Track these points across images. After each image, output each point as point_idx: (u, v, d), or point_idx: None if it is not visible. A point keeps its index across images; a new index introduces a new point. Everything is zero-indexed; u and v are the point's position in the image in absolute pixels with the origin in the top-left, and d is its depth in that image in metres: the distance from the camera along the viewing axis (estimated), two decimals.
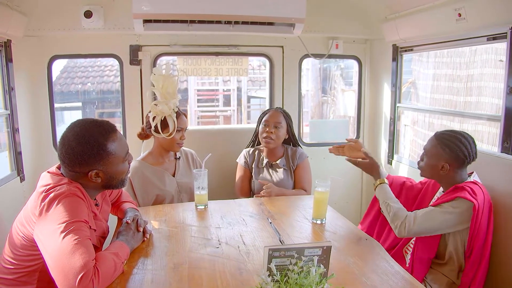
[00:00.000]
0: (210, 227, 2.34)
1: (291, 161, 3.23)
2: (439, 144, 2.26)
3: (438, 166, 2.25)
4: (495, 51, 5.16)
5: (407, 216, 2.16)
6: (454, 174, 2.25)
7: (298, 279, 1.29)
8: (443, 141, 2.25)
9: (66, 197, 1.74)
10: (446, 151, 2.22)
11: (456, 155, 2.20)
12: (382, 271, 1.85)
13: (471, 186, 2.14)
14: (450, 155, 2.21)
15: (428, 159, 2.32)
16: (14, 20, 2.99)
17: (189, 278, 1.77)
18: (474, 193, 2.10)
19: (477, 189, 2.13)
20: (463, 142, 2.21)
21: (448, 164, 2.22)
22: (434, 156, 2.27)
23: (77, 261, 1.58)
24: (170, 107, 2.83)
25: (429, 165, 2.31)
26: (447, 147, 2.22)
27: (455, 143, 2.21)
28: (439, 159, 2.24)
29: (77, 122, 1.91)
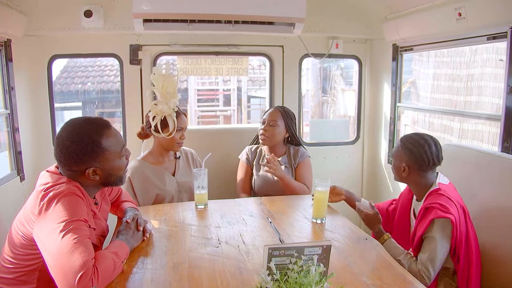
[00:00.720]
0: (210, 227, 2.34)
1: (293, 159, 3.23)
2: (401, 146, 2.33)
3: (400, 168, 2.33)
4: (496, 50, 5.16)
5: (419, 269, 2.12)
6: (418, 177, 2.30)
7: (297, 278, 1.29)
8: (404, 143, 2.32)
9: (65, 196, 1.74)
10: (406, 152, 2.29)
11: (415, 158, 2.26)
12: (383, 271, 1.85)
13: (439, 201, 2.14)
14: (409, 157, 2.28)
15: (393, 161, 2.40)
16: (14, 20, 2.99)
17: (189, 278, 1.77)
18: (445, 208, 2.10)
19: (445, 201, 2.14)
20: (422, 145, 2.26)
21: (408, 166, 2.29)
22: (397, 158, 2.36)
23: (77, 260, 1.58)
24: (170, 106, 2.82)
25: (395, 167, 2.40)
26: (407, 149, 2.29)
27: (414, 145, 2.28)
28: (401, 160, 2.32)
29: (70, 121, 1.90)
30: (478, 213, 2.37)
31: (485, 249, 2.28)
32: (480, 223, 2.34)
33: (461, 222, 2.12)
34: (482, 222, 2.34)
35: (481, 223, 2.34)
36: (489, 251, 2.27)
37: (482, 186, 2.45)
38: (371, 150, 4.22)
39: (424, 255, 2.13)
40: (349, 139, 4.36)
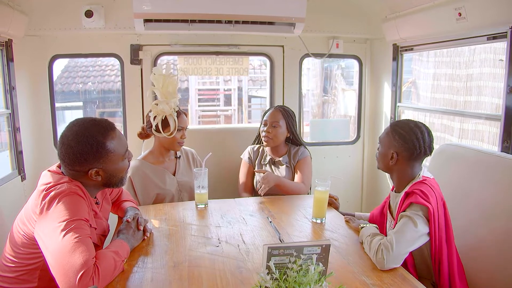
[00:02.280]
0: (210, 226, 2.35)
1: (293, 159, 3.24)
2: (391, 131, 2.16)
3: (388, 155, 2.16)
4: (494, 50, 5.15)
5: (381, 242, 1.94)
6: (405, 167, 2.14)
7: (297, 277, 1.29)
8: (395, 129, 2.15)
9: (66, 196, 1.75)
10: (396, 138, 2.12)
11: (406, 144, 2.10)
12: (382, 271, 1.86)
13: (421, 188, 2.01)
14: (399, 143, 2.11)
15: (381, 147, 2.23)
16: (15, 20, 2.99)
17: (189, 277, 1.78)
18: (425, 195, 1.98)
19: (427, 190, 2.01)
20: (415, 132, 2.10)
21: (397, 153, 2.12)
22: (385, 144, 2.18)
23: (78, 259, 1.59)
24: (170, 106, 2.83)
25: (381, 154, 2.23)
26: (397, 134, 2.12)
27: (406, 131, 2.11)
28: (390, 147, 2.15)
29: (76, 121, 1.91)
30: (478, 213, 2.37)
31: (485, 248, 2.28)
32: (480, 223, 2.34)
33: (439, 215, 2.00)
34: (482, 222, 2.34)
35: (480, 223, 2.34)
36: (488, 251, 2.27)
37: (481, 186, 2.45)
38: (371, 150, 4.23)
39: (392, 231, 1.99)
40: (349, 139, 4.36)
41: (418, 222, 1.94)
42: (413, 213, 1.96)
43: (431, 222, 1.97)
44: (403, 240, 1.91)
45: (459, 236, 2.35)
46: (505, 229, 2.21)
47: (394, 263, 1.88)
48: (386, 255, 1.87)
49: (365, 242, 2.06)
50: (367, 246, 2.02)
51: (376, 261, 1.91)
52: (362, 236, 2.13)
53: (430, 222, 1.97)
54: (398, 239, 1.91)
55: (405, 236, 1.92)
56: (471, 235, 2.33)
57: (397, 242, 1.89)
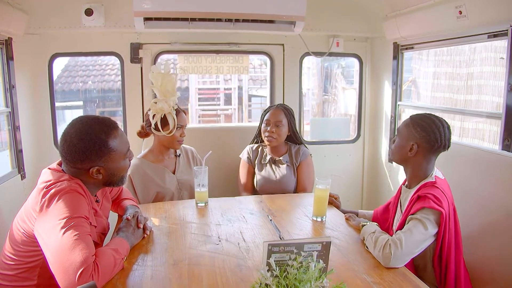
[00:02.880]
0: (210, 224, 2.34)
1: (295, 158, 3.23)
2: (411, 123, 2.14)
3: (407, 147, 2.13)
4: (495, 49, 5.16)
5: (389, 239, 1.93)
6: (422, 160, 2.13)
7: (297, 274, 1.29)
8: (416, 121, 2.14)
9: (66, 193, 1.74)
10: (417, 130, 2.10)
11: (427, 136, 2.09)
12: (383, 268, 1.85)
13: (433, 193, 2.00)
14: (420, 135, 2.09)
15: (399, 139, 2.20)
16: (15, 18, 2.99)
17: (189, 275, 1.77)
18: (438, 200, 1.97)
19: (439, 194, 2.00)
20: (437, 124, 2.10)
21: (417, 144, 2.10)
22: (405, 135, 2.16)
23: (77, 257, 1.59)
24: (169, 104, 2.82)
25: (398, 146, 2.19)
26: (419, 126, 2.10)
27: (428, 124, 2.10)
28: (409, 138, 2.12)
29: (79, 119, 1.91)
30: (479, 212, 2.36)
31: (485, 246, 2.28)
32: (481, 222, 2.33)
33: (450, 221, 2.00)
34: (483, 221, 2.34)
35: (481, 222, 2.33)
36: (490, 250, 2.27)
37: (482, 184, 2.44)
38: (371, 149, 4.22)
39: (400, 231, 1.97)
40: (349, 138, 4.35)
41: (428, 225, 1.93)
42: (423, 216, 1.95)
43: (441, 226, 1.96)
44: (412, 240, 1.90)
45: None
46: (505, 226, 2.21)
47: (400, 261, 1.88)
48: (394, 251, 1.86)
49: (368, 238, 2.04)
50: (371, 242, 2.00)
51: (382, 256, 1.89)
52: (365, 233, 2.11)
53: (441, 226, 1.96)
54: (407, 238, 1.90)
55: (414, 236, 1.92)
56: (472, 233, 2.32)
57: (406, 241, 1.89)
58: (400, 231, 1.96)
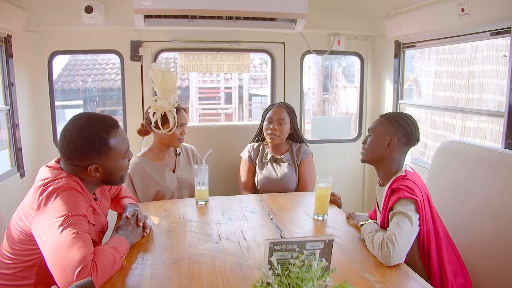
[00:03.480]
0: (211, 223, 2.33)
1: (296, 156, 3.22)
2: (386, 120, 2.21)
3: (384, 143, 2.17)
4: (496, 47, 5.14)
5: (384, 236, 1.93)
6: (397, 154, 2.17)
7: (299, 273, 1.27)
8: (390, 118, 2.22)
9: (64, 191, 1.72)
10: (394, 125, 2.17)
11: (404, 130, 2.16)
12: (385, 267, 1.84)
13: (405, 183, 2.05)
14: (397, 130, 2.15)
15: (373, 137, 2.23)
16: (14, 15, 2.97)
17: (189, 273, 1.75)
18: (411, 189, 2.02)
19: (411, 184, 2.05)
20: (410, 119, 2.19)
21: (397, 139, 2.15)
22: (380, 132, 2.20)
23: (75, 255, 1.57)
24: (170, 102, 2.81)
25: (374, 144, 2.22)
26: (395, 122, 2.17)
27: (403, 119, 2.19)
28: (387, 134, 2.17)
29: (79, 116, 1.90)
30: (481, 210, 2.35)
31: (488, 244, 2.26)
32: (483, 220, 2.32)
33: (425, 209, 2.03)
34: (485, 219, 2.32)
35: (484, 220, 2.32)
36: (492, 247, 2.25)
37: (485, 183, 2.42)
38: None
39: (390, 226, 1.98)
40: (350, 137, 4.34)
41: (412, 215, 1.96)
42: (405, 208, 1.98)
43: (419, 214, 2.00)
44: (404, 233, 1.92)
45: (462, 232, 2.34)
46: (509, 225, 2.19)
47: (399, 257, 1.88)
48: (392, 249, 1.86)
49: (367, 239, 2.04)
50: (370, 243, 2.00)
51: (382, 256, 1.88)
52: (363, 233, 2.12)
53: (418, 214, 2.00)
54: (399, 233, 1.91)
55: (404, 229, 1.93)
56: (474, 231, 2.31)
57: (399, 236, 1.90)
58: (390, 228, 1.98)
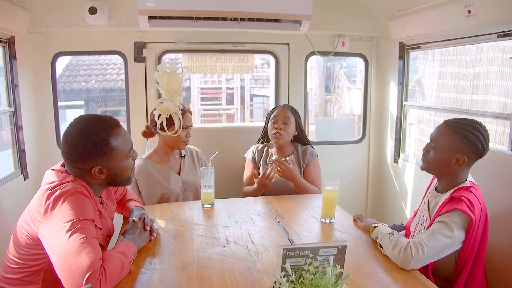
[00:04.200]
0: (218, 226, 2.31)
1: (301, 159, 3.20)
2: (454, 134, 1.98)
3: (451, 160, 1.98)
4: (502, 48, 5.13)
5: (411, 241, 1.86)
6: (465, 169, 2.01)
7: (313, 279, 1.25)
8: (460, 132, 1.97)
9: (71, 195, 1.71)
10: (464, 142, 1.95)
11: (476, 148, 1.95)
12: (395, 272, 1.82)
13: (468, 197, 1.91)
14: (467, 147, 1.95)
15: (439, 151, 2.03)
16: (17, 17, 2.96)
17: (198, 278, 1.74)
18: (472, 205, 1.88)
19: (474, 199, 1.91)
20: (482, 132, 1.96)
21: (466, 156, 1.95)
22: (447, 147, 1.99)
23: (84, 261, 1.55)
24: (175, 104, 2.79)
25: (439, 159, 2.02)
26: (465, 138, 1.95)
27: (474, 134, 1.95)
28: (455, 151, 1.96)
29: (80, 118, 1.88)
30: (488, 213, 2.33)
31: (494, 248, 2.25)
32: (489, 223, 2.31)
33: (479, 228, 1.92)
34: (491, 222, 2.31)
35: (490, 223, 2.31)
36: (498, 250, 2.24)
37: (491, 185, 2.41)
38: (377, 149, 4.19)
39: (423, 233, 1.90)
40: (355, 138, 4.32)
41: (455, 228, 1.87)
42: (451, 220, 1.88)
43: (469, 233, 1.89)
44: (435, 245, 1.85)
45: None
46: None
47: (420, 264, 1.84)
48: (415, 253, 1.81)
49: (385, 239, 1.98)
50: (389, 242, 1.94)
51: (402, 257, 1.84)
52: (378, 233, 2.07)
53: (468, 233, 1.89)
54: (430, 242, 1.84)
55: (438, 241, 1.85)
56: None
57: (429, 246, 1.83)
58: (423, 234, 1.90)
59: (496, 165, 2.46)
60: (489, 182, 2.43)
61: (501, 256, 2.22)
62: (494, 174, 2.43)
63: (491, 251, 2.25)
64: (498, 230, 2.27)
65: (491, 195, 2.38)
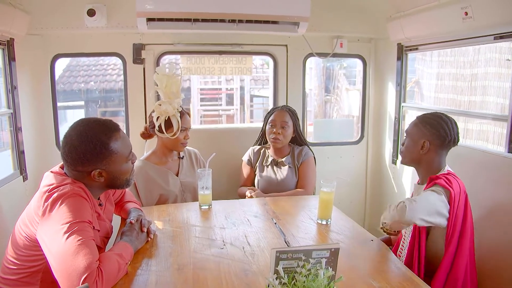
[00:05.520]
0: (215, 228, 2.32)
1: (297, 159, 3.22)
2: (419, 122, 2.22)
3: (418, 146, 2.19)
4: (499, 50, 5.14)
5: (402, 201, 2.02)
6: (434, 156, 2.18)
7: (306, 282, 1.27)
8: (424, 119, 2.21)
9: (69, 197, 1.72)
10: (426, 127, 2.17)
11: (437, 132, 2.15)
12: (389, 273, 1.84)
13: (446, 176, 2.09)
14: (430, 132, 2.16)
15: (408, 140, 2.26)
16: (17, 19, 2.97)
17: (194, 280, 1.75)
18: (449, 182, 2.05)
19: (452, 179, 2.07)
20: (445, 120, 2.17)
21: (429, 141, 2.16)
22: (415, 135, 2.22)
23: (81, 262, 1.57)
24: (174, 106, 2.80)
25: (409, 147, 2.25)
26: (428, 123, 2.18)
27: (436, 120, 2.17)
28: (420, 137, 2.19)
29: (80, 121, 1.90)
30: (485, 215, 2.35)
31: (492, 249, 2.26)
32: (486, 224, 2.32)
33: (458, 206, 2.03)
34: (489, 224, 2.32)
35: (487, 224, 2.32)
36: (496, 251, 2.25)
37: (488, 187, 2.43)
38: (375, 150, 4.20)
39: None
40: (353, 139, 4.33)
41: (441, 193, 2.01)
42: (434, 189, 2.04)
43: (450, 206, 2.01)
44: (426, 199, 2.00)
45: None
46: None
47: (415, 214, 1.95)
48: (408, 203, 1.96)
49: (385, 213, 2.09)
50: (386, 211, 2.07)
51: (397, 209, 1.98)
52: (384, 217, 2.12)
53: (450, 206, 2.02)
54: (420, 198, 2.01)
55: (428, 197, 2.01)
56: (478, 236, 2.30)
57: (420, 200, 2.00)
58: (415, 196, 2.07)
59: (494, 166, 2.47)
60: (487, 183, 2.45)
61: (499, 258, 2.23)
62: (492, 175, 2.44)
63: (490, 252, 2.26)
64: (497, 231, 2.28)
65: (489, 196, 2.40)
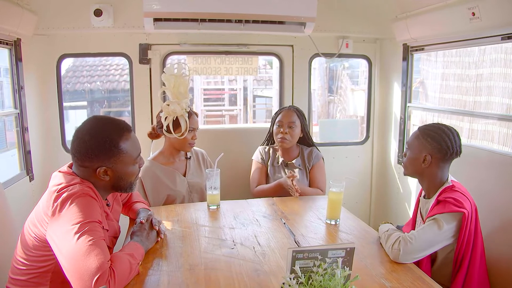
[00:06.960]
0: (224, 228, 2.32)
1: (307, 161, 3.21)
2: (421, 135, 2.16)
3: (420, 159, 2.14)
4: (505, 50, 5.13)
5: (401, 235, 1.97)
6: (436, 169, 2.13)
7: (322, 281, 1.26)
8: (425, 132, 2.15)
9: (79, 197, 1.72)
10: (428, 141, 2.12)
11: (439, 145, 2.10)
12: (400, 273, 1.83)
13: (453, 196, 2.02)
14: (432, 145, 2.11)
15: (410, 152, 2.21)
16: (24, 19, 2.97)
17: (206, 280, 1.75)
18: (459, 202, 1.98)
19: (459, 196, 2.01)
20: (446, 133, 2.11)
21: (431, 155, 2.11)
22: (416, 148, 2.17)
23: (93, 263, 1.56)
24: (182, 107, 2.80)
25: (411, 159, 2.20)
26: (429, 137, 2.12)
27: (438, 133, 2.12)
28: (421, 150, 2.14)
29: (94, 117, 1.92)
30: (491, 215, 2.33)
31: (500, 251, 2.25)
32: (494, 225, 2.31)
33: (471, 220, 2.00)
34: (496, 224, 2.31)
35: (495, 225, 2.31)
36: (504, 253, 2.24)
37: (494, 187, 2.42)
38: (380, 150, 4.20)
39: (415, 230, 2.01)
40: (358, 139, 4.33)
41: (444, 225, 1.96)
42: (440, 217, 1.97)
43: (463, 227, 1.97)
44: (424, 238, 1.95)
45: None
46: None
47: (409, 257, 1.92)
48: (403, 246, 1.92)
49: (382, 236, 2.09)
50: (384, 239, 2.05)
51: (391, 252, 1.95)
52: (380, 231, 2.15)
53: (462, 227, 1.98)
54: (419, 235, 1.95)
55: (426, 234, 1.96)
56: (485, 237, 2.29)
57: (417, 238, 1.93)
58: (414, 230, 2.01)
59: (500, 167, 2.46)
60: (493, 184, 2.44)
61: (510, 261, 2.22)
62: (498, 176, 2.43)
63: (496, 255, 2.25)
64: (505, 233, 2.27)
65: (495, 197, 2.39)
